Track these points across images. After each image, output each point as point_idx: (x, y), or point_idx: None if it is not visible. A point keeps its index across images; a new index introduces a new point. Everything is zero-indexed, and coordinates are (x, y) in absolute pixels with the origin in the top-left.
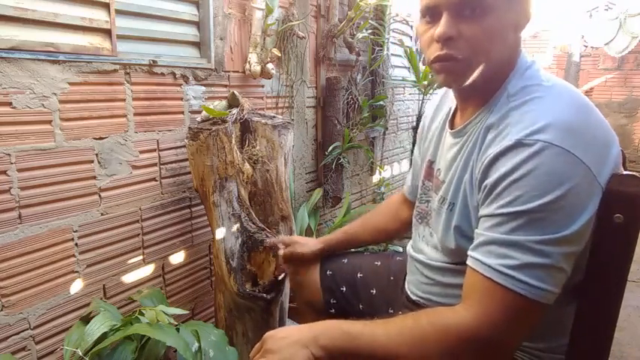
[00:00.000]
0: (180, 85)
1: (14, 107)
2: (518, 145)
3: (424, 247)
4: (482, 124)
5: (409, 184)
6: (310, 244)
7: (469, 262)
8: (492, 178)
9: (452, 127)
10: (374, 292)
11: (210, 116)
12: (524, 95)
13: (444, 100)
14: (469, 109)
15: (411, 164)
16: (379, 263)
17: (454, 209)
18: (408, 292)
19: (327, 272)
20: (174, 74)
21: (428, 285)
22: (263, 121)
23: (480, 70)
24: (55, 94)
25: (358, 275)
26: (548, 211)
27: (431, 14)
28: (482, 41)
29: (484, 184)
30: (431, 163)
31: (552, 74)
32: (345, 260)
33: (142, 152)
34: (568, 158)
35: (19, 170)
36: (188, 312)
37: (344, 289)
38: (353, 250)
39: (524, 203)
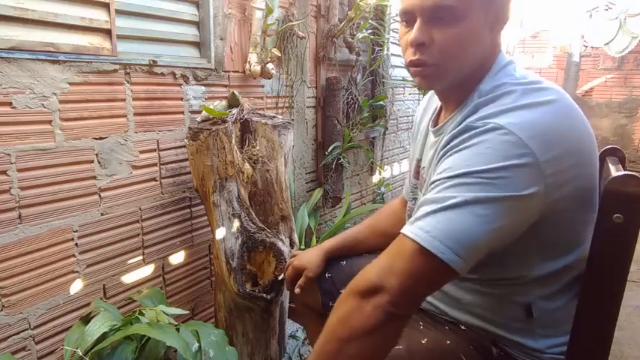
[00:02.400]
0: (180, 85)
1: (14, 107)
2: (468, 128)
3: None
4: (456, 122)
5: (407, 186)
6: (314, 262)
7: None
8: (440, 155)
9: (435, 126)
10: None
11: (210, 116)
12: (494, 92)
13: (432, 100)
14: (449, 108)
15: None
16: None
17: None
18: None
19: (326, 275)
20: (174, 74)
21: None
22: (263, 121)
23: (452, 74)
24: (55, 94)
25: None
26: (478, 178)
27: (407, 19)
28: (453, 47)
29: (436, 158)
30: (418, 161)
31: (533, 73)
32: (344, 262)
33: (142, 152)
34: (513, 139)
35: (19, 170)
36: (188, 312)
37: (342, 291)
38: None
39: (458, 169)
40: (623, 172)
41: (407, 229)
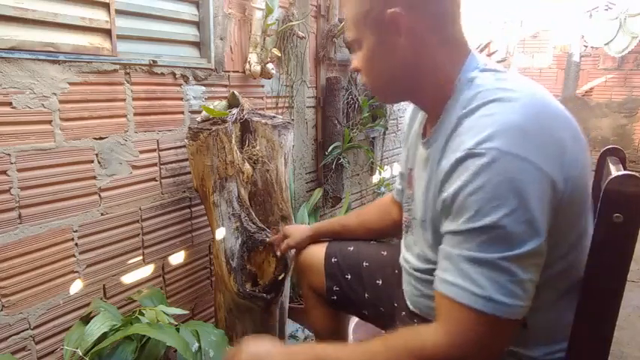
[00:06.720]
0: (180, 85)
1: (14, 107)
2: (469, 155)
3: (410, 257)
4: (442, 136)
5: (398, 187)
6: (299, 234)
7: (437, 283)
8: (449, 192)
9: (424, 136)
10: (380, 282)
11: (210, 116)
12: (474, 102)
13: (417, 107)
14: (430, 119)
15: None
16: (385, 253)
17: (426, 225)
18: (407, 302)
19: (332, 259)
20: (174, 74)
21: (419, 297)
22: (263, 121)
23: (381, 89)
24: (55, 94)
25: (364, 264)
26: (511, 222)
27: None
28: (365, 69)
29: (441, 198)
30: (411, 170)
31: (509, 74)
32: (351, 248)
33: (142, 152)
34: (522, 164)
35: (19, 170)
36: (188, 312)
37: (349, 276)
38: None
39: (486, 216)
40: (623, 172)
41: (473, 301)
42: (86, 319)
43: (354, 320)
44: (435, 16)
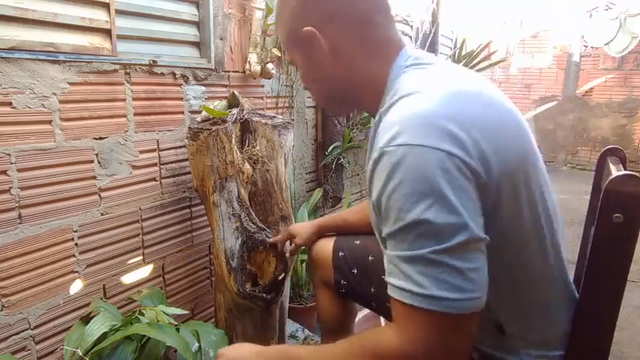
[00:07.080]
0: (180, 85)
1: (14, 107)
2: (382, 155)
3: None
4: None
5: None
6: (304, 232)
7: (388, 287)
8: (374, 195)
9: None
10: (384, 277)
11: (210, 116)
12: (392, 100)
13: None
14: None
15: None
16: None
17: (374, 227)
18: None
19: (340, 253)
20: (174, 74)
21: None
22: (263, 121)
23: (320, 99)
24: (55, 94)
25: (369, 258)
26: (434, 214)
27: None
28: (305, 85)
29: (371, 200)
30: None
31: (435, 66)
32: (358, 242)
33: (142, 152)
34: (432, 154)
35: (19, 170)
36: (188, 312)
37: (355, 271)
38: None
39: (408, 213)
40: (623, 172)
41: (415, 300)
42: (86, 319)
43: (357, 317)
44: (352, 25)
